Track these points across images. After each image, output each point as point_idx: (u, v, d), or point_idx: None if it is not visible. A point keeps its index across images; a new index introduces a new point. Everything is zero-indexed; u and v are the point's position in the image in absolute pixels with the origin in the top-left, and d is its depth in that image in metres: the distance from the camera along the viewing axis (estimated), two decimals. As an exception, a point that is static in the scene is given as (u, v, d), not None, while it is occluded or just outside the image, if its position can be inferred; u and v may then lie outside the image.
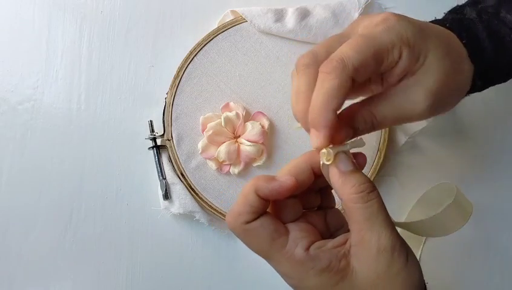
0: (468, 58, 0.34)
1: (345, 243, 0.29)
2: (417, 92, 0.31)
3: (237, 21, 0.49)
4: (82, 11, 0.52)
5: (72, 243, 0.51)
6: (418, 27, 0.32)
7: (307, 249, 0.28)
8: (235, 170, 0.48)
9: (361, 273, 0.28)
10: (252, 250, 0.30)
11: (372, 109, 0.31)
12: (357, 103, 0.32)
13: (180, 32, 0.52)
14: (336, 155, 0.29)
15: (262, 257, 0.30)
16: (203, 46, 0.49)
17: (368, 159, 0.49)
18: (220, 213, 0.49)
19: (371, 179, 0.48)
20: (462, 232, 0.51)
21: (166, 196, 0.49)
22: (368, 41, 0.30)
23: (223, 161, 0.48)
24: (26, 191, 0.51)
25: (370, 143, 0.49)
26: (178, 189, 0.49)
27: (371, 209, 0.28)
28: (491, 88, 0.38)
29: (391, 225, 0.28)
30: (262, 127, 0.48)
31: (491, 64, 0.35)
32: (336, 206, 0.34)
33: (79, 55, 0.52)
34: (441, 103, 0.32)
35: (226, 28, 0.49)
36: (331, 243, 0.29)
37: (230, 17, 0.51)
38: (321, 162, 0.30)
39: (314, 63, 0.31)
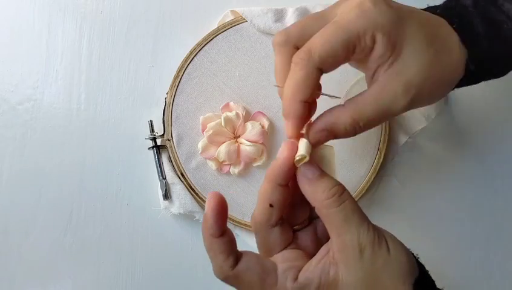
0: (459, 44, 0.32)
1: (327, 252, 0.29)
2: (396, 85, 0.30)
3: (237, 21, 0.49)
4: (82, 11, 0.52)
5: (72, 243, 0.51)
6: (396, 13, 0.30)
7: (296, 278, 0.28)
8: (235, 170, 0.48)
9: (350, 277, 0.28)
10: None
11: (353, 115, 0.30)
12: (337, 107, 0.31)
13: (180, 32, 0.52)
14: (300, 165, 0.29)
15: None
16: (203, 46, 0.49)
17: (368, 159, 0.49)
18: (220, 213, 0.49)
19: (371, 179, 0.49)
20: (462, 232, 0.51)
21: (166, 196, 0.49)
22: (338, 30, 0.29)
23: (223, 161, 0.48)
24: (26, 191, 0.51)
25: (370, 143, 0.49)
26: (178, 189, 0.49)
27: (346, 211, 0.28)
28: (492, 87, 0.37)
29: (366, 220, 0.28)
30: (262, 127, 0.48)
31: (486, 52, 0.32)
32: None
33: (79, 55, 0.52)
34: (424, 95, 0.31)
35: (226, 28, 0.49)
36: (315, 260, 0.29)
37: (230, 17, 0.51)
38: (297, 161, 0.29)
39: (287, 42, 0.31)
